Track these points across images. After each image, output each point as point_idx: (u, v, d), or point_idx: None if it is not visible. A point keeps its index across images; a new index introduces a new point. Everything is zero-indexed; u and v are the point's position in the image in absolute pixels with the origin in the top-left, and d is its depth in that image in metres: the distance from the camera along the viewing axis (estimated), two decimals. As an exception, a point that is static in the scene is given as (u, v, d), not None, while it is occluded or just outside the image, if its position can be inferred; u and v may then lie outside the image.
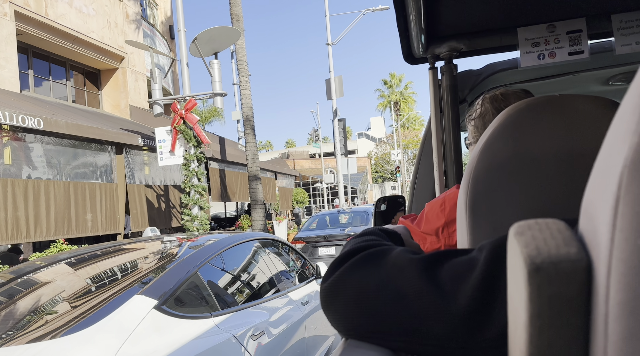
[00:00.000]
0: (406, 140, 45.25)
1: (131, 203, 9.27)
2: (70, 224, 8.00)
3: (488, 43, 1.65)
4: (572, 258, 0.30)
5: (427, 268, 0.46)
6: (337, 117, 18.79)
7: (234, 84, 22.14)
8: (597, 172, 0.31)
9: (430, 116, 1.84)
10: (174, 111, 8.35)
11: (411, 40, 1.59)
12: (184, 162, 8.37)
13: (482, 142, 0.63)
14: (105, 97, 13.07)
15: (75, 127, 7.94)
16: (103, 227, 8.77)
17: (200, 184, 8.44)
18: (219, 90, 8.29)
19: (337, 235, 8.52)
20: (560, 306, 0.30)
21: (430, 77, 1.76)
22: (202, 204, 8.42)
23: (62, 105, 10.54)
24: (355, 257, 0.53)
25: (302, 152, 47.54)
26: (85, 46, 11.57)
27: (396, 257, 0.50)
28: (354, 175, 40.45)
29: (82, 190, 8.23)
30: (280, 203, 19.36)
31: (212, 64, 8.30)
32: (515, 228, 0.34)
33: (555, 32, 1.49)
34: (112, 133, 8.79)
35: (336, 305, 0.51)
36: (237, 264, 3.03)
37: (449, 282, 0.43)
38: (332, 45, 19.42)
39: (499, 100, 1.06)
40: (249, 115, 11.44)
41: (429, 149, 1.92)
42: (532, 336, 0.31)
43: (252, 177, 11.40)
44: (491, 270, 0.41)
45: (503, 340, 0.39)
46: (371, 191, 45.35)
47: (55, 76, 11.61)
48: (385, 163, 48.27)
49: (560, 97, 0.62)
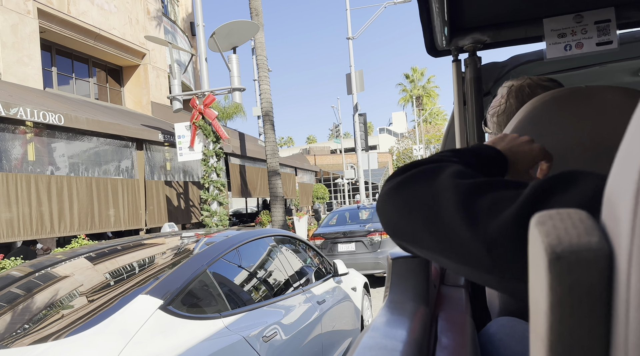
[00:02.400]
0: (428, 135, 44.59)
1: (148, 199, 9.32)
2: (94, 219, 8.09)
3: (513, 34, 1.63)
4: (593, 247, 0.30)
5: (468, 195, 0.47)
6: (358, 112, 18.57)
7: (254, 79, 22.17)
8: (619, 161, 0.32)
9: (453, 109, 1.82)
10: (193, 107, 8.34)
11: (434, 33, 1.57)
12: (203, 158, 8.35)
13: None
14: (127, 94, 13.21)
15: (95, 123, 8.01)
16: (126, 222, 8.85)
17: (219, 180, 8.42)
18: (237, 85, 8.23)
19: (356, 231, 8.38)
20: (581, 295, 0.30)
21: (454, 69, 1.74)
22: (221, 200, 8.39)
23: (84, 102, 10.68)
24: (418, 168, 0.56)
25: (322, 147, 47.44)
26: (107, 43, 11.69)
27: (446, 178, 0.51)
28: (375, 171, 40.22)
29: (104, 185, 8.31)
30: (301, 198, 19.32)
31: (231, 59, 8.24)
32: (537, 218, 0.34)
33: (583, 22, 1.46)
34: (132, 129, 8.85)
35: (387, 210, 0.55)
36: (250, 262, 2.94)
37: (485, 212, 0.44)
38: (353, 39, 19.20)
39: (526, 94, 1.02)
40: (268, 110, 11.37)
41: (451, 143, 1.92)
42: (553, 324, 0.31)
43: (271, 173, 11.35)
44: (527, 210, 0.41)
45: (525, 277, 0.38)
46: (393, 186, 45.00)
47: (78, 73, 11.77)
48: (407, 158, 47.79)
49: (587, 88, 0.60)
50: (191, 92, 8.51)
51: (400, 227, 0.53)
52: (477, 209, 0.45)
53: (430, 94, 47.29)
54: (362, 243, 8.33)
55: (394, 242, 0.56)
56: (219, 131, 8.16)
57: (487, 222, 0.43)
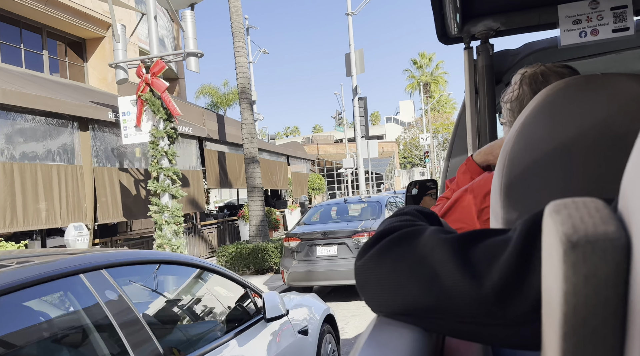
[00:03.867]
0: (436, 123, 42.62)
1: (99, 190, 7.81)
2: (15, 215, 6.59)
3: (526, 21, 1.65)
4: (610, 237, 0.30)
5: (460, 248, 0.46)
6: (358, 95, 16.79)
7: (250, 62, 20.68)
8: (637, 151, 0.32)
9: (464, 97, 1.81)
10: (139, 76, 6.75)
11: (446, 19, 1.57)
12: (151, 140, 6.78)
13: (519, 123, 0.61)
14: (91, 70, 11.68)
15: (17, 96, 6.47)
16: (64, 217, 7.35)
17: (171, 167, 6.86)
18: (193, 48, 6.63)
19: (339, 231, 6.82)
20: (597, 285, 0.30)
21: (466, 57, 1.76)
22: (174, 192, 6.84)
23: (33, 77, 9.14)
24: (389, 236, 0.53)
25: (326, 136, 45.81)
26: (61, 9, 10.15)
27: (429, 237, 0.49)
28: (379, 161, 38.68)
29: (32, 173, 6.80)
30: (294, 189, 17.75)
31: (185, 17, 6.64)
32: (551, 206, 0.34)
33: (599, 8, 1.45)
34: (71, 106, 7.31)
35: (369, 284, 0.52)
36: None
37: (482, 261, 0.43)
38: (353, 15, 17.48)
39: (539, 82, 1.02)
40: (245, 86, 9.76)
41: (462, 132, 1.86)
42: (567, 315, 0.31)
43: (248, 160, 9.78)
44: (525, 246, 0.41)
45: (536, 316, 0.39)
46: (398, 177, 43.29)
47: (29, 45, 10.24)
48: (414, 148, 46.00)
49: (603, 76, 0.59)
50: (136, 58, 6.92)
51: (390, 295, 0.49)
52: (474, 260, 0.44)
53: (438, 81, 44.59)
54: (346, 246, 6.76)
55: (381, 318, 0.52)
56: (170, 106, 6.57)
57: (487, 269, 0.42)
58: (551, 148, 0.57)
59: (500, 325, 0.42)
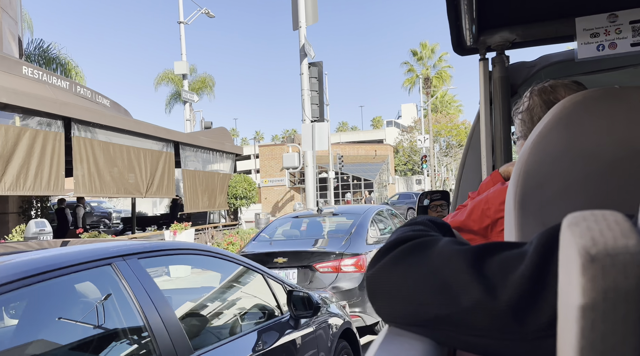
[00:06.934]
0: (438, 125, 37.68)
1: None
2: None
3: (543, 33, 1.65)
4: (630, 251, 0.29)
5: (475, 260, 0.45)
6: (308, 59, 11.08)
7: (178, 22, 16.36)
8: None
9: (479, 108, 1.82)
10: None
11: (462, 30, 1.58)
12: None
13: (535, 135, 0.60)
14: None
15: None
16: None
17: None
18: None
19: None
20: (616, 300, 0.29)
21: (481, 68, 1.76)
22: None
23: None
24: (401, 246, 0.53)
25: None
26: None
27: (443, 247, 0.49)
28: (369, 166, 34.19)
29: None
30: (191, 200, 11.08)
31: None
32: (569, 219, 0.33)
33: (617, 21, 1.44)
34: None
35: (381, 294, 0.51)
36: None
37: (497, 274, 0.43)
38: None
39: (547, 92, 1.05)
40: None
41: (476, 143, 1.88)
42: (585, 329, 0.30)
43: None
44: (541, 260, 0.40)
45: (551, 331, 0.39)
46: (393, 185, 38.45)
47: None
48: (412, 153, 41.14)
49: (621, 89, 0.59)
50: None
51: (402, 305, 0.49)
52: (489, 272, 0.43)
53: (441, 76, 38.82)
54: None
55: (392, 328, 0.51)
56: None
57: (503, 282, 0.42)
58: (568, 160, 0.56)
59: (514, 339, 0.41)
